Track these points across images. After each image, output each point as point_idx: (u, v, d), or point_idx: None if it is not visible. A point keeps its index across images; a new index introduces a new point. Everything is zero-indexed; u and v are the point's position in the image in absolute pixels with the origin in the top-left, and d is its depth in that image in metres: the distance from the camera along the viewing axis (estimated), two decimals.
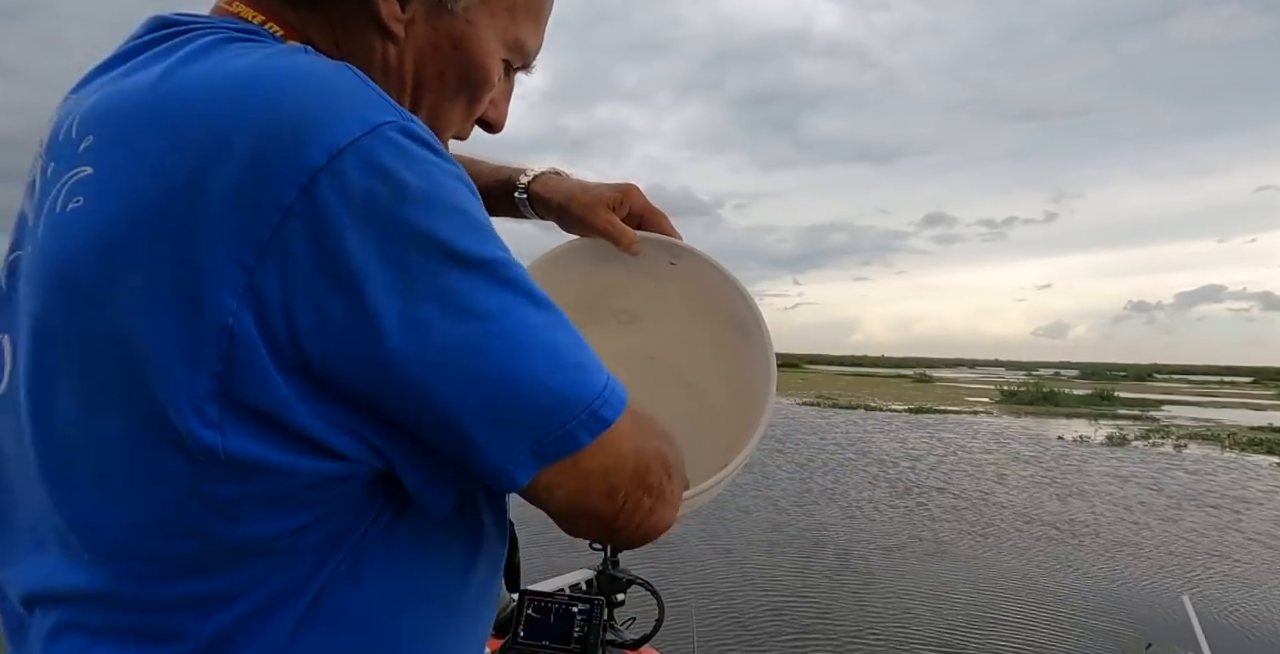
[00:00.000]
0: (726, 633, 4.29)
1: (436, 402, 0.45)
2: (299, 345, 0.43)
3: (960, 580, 5.46)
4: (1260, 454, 13.22)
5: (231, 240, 0.41)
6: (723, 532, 6.57)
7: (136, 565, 0.48)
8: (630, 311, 0.97)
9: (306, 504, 0.47)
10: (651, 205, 0.87)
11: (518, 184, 0.90)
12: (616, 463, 0.51)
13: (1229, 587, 5.61)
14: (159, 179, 0.43)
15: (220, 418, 0.43)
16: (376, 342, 0.43)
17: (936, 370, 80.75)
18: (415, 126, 0.46)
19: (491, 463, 0.47)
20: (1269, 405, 29.36)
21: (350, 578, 0.50)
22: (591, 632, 1.37)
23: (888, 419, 17.65)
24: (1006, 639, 4.38)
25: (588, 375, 0.49)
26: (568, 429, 0.47)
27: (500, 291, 0.46)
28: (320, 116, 0.43)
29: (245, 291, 0.42)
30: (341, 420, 0.45)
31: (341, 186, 0.42)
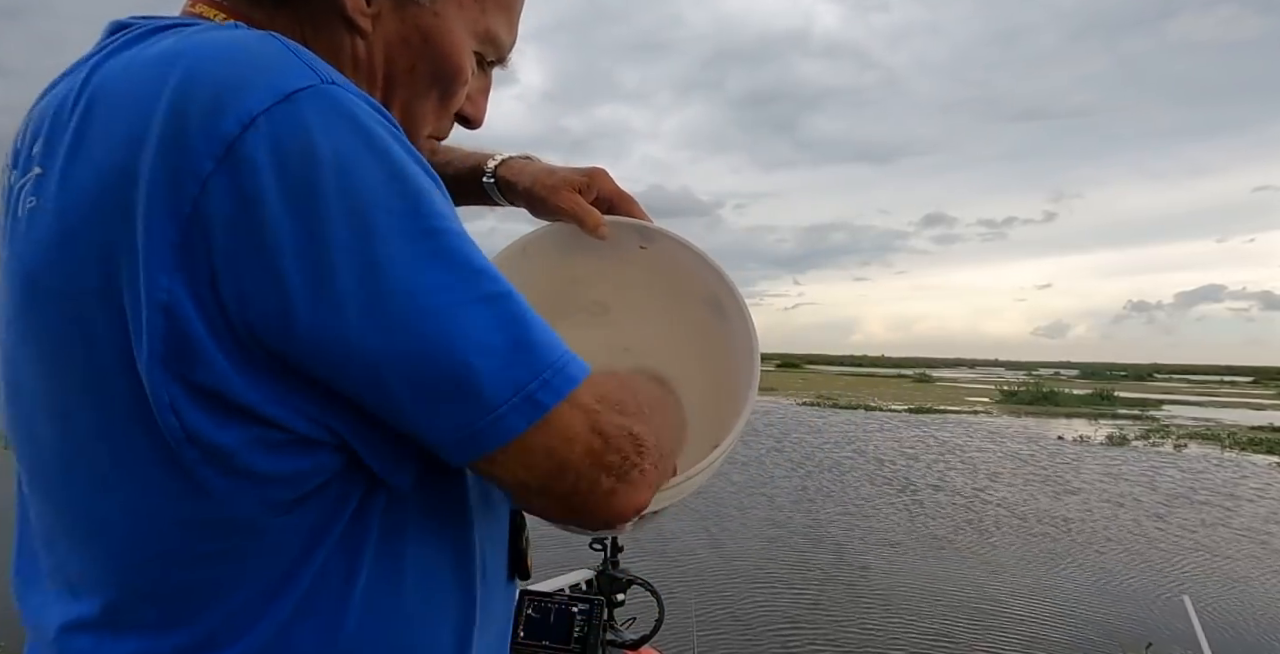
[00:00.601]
0: (726, 633, 4.29)
1: (361, 379, 0.44)
2: (229, 318, 0.43)
3: (959, 579, 5.46)
4: (1260, 454, 13.21)
5: (160, 217, 0.42)
6: (723, 532, 6.57)
7: (135, 556, 0.48)
8: (601, 303, 0.94)
9: (279, 483, 0.46)
10: (619, 189, 0.84)
11: (485, 169, 0.88)
12: (564, 443, 0.48)
13: (1223, 584, 5.61)
14: (95, 170, 0.44)
15: (172, 399, 0.43)
16: (293, 314, 0.42)
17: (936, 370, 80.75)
18: (337, 90, 0.45)
19: (428, 442, 0.47)
20: (1269, 405, 29.36)
21: (342, 562, 0.49)
22: (591, 632, 1.37)
23: (888, 419, 17.65)
24: (1006, 637, 4.38)
25: (525, 355, 0.46)
26: (499, 414, 0.45)
27: (429, 264, 0.44)
28: (234, 86, 0.43)
29: (176, 268, 0.42)
30: (285, 395, 0.45)
31: (255, 156, 0.41)
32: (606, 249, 0.84)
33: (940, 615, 4.72)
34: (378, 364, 0.43)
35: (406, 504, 0.52)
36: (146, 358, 0.43)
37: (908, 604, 4.92)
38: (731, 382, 0.79)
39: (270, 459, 0.46)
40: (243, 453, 0.45)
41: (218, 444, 0.44)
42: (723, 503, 7.55)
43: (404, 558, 0.52)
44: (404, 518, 0.52)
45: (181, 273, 0.42)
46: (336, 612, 0.49)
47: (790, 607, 4.81)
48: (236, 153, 0.41)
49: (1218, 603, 5.21)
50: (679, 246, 0.83)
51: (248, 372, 0.44)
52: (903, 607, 4.87)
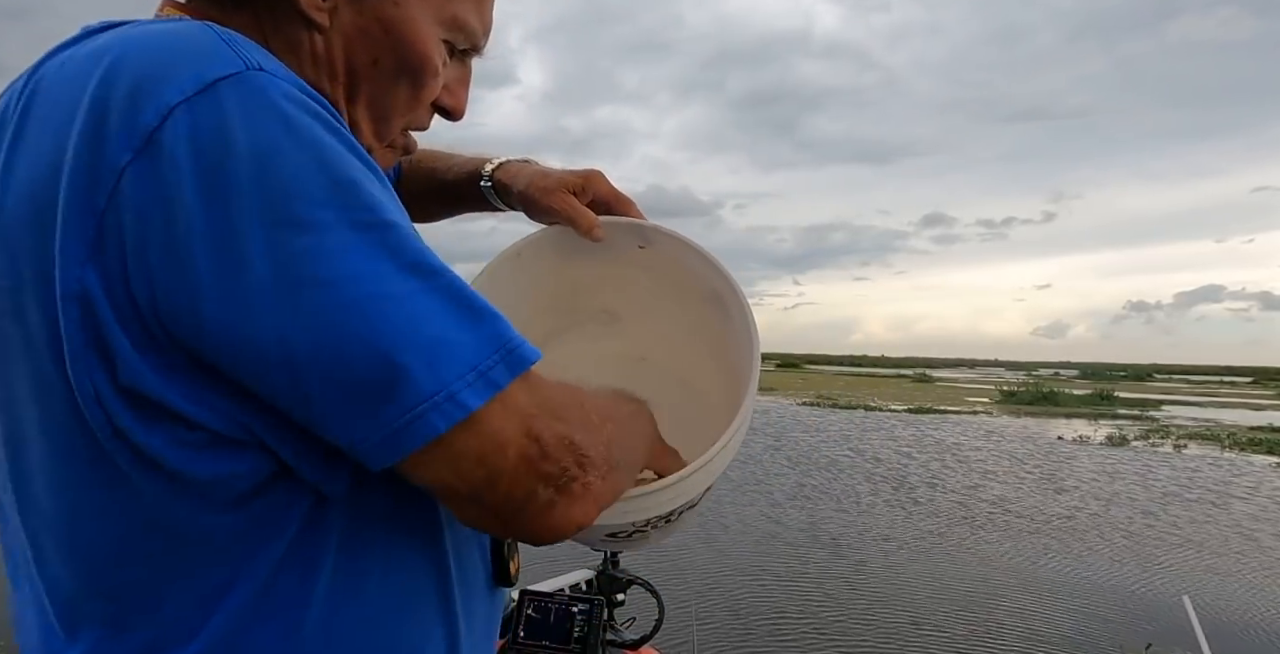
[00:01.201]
0: (726, 633, 4.29)
1: (273, 376, 0.43)
2: (140, 312, 0.42)
3: (957, 579, 5.46)
4: (1260, 454, 13.21)
5: (76, 210, 0.42)
6: (722, 531, 6.57)
7: (85, 553, 0.48)
8: (610, 310, 0.93)
9: (212, 485, 0.46)
10: (616, 191, 0.83)
11: (482, 173, 0.87)
12: (495, 447, 0.45)
13: (1221, 583, 5.61)
14: (29, 165, 0.45)
15: (97, 393, 0.43)
16: (202, 308, 0.41)
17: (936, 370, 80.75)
18: (263, 77, 0.44)
19: (343, 443, 0.44)
20: (1268, 405, 29.36)
21: (299, 564, 0.49)
22: (591, 632, 1.37)
23: (888, 419, 17.65)
24: (1005, 637, 4.38)
25: (451, 351, 0.43)
26: (418, 412, 0.43)
27: (350, 255, 0.42)
28: (155, 77, 0.42)
29: (88, 261, 0.42)
30: (201, 392, 0.44)
31: (173, 147, 0.41)
32: (605, 251, 0.83)
33: (938, 615, 4.72)
34: (290, 360, 0.42)
35: (367, 508, 0.51)
36: (68, 352, 0.43)
37: (905, 603, 4.92)
38: (735, 385, 0.78)
39: (199, 461, 0.45)
40: (170, 454, 0.45)
41: (145, 444, 0.44)
42: (722, 503, 7.55)
43: (367, 561, 0.51)
44: (365, 521, 0.51)
45: (93, 265, 0.42)
46: (294, 613, 0.49)
47: (790, 606, 4.81)
48: (154, 144, 0.41)
49: (1216, 602, 5.21)
50: (676, 243, 0.81)
51: (162, 368, 0.43)
52: (900, 606, 4.87)
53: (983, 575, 5.61)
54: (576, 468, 0.48)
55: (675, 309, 0.87)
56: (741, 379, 0.76)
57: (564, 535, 0.50)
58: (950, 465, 10.63)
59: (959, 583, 5.40)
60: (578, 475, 0.48)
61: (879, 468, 10.22)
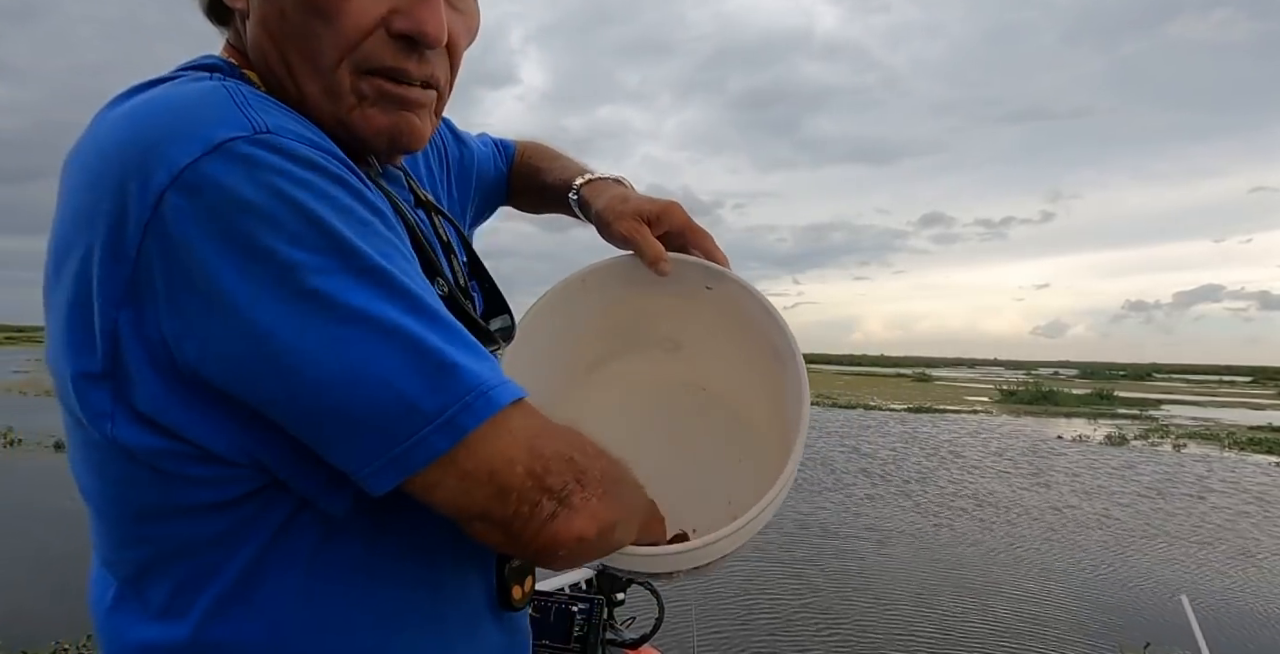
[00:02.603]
0: (726, 632, 4.29)
1: (285, 406, 0.47)
2: (169, 348, 0.47)
3: (955, 578, 5.46)
4: (1260, 453, 13.21)
5: (113, 258, 0.47)
6: None
7: (106, 530, 0.56)
8: (673, 339, 0.93)
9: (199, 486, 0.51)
10: (693, 223, 0.82)
11: (572, 185, 0.89)
12: (505, 463, 0.49)
13: (1219, 581, 5.62)
14: (75, 215, 0.50)
15: (112, 410, 0.49)
16: (224, 345, 0.46)
17: (936, 369, 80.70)
18: (270, 137, 0.47)
19: (349, 469, 0.48)
20: (1268, 405, 29.36)
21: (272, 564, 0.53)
22: (591, 631, 1.37)
23: (887, 419, 17.65)
24: (1004, 636, 4.38)
25: (449, 378, 0.47)
26: (422, 435, 0.46)
27: (350, 295, 0.46)
28: (166, 140, 0.46)
29: (122, 303, 0.47)
30: (214, 422, 0.49)
31: (184, 204, 0.45)
32: (672, 285, 0.83)
33: (937, 613, 4.72)
34: (297, 395, 0.46)
35: (355, 521, 0.55)
36: (97, 377, 0.49)
37: (903, 602, 4.92)
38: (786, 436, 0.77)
39: (184, 466, 0.50)
40: (158, 459, 0.50)
41: (137, 449, 0.50)
42: None
43: (347, 570, 0.55)
44: (351, 533, 0.55)
45: (128, 308, 0.47)
46: (269, 607, 0.53)
47: (790, 604, 4.81)
48: (166, 202, 0.45)
49: (1215, 602, 5.21)
50: (744, 292, 0.81)
51: (180, 398, 0.49)
52: (898, 605, 4.87)
53: (983, 574, 5.61)
54: (576, 483, 0.51)
55: (738, 352, 0.87)
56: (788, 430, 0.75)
57: (563, 547, 0.52)
58: (948, 464, 10.63)
59: (959, 582, 5.40)
60: (576, 490, 0.51)
61: (878, 466, 10.22)
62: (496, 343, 0.70)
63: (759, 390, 0.88)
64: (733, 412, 0.94)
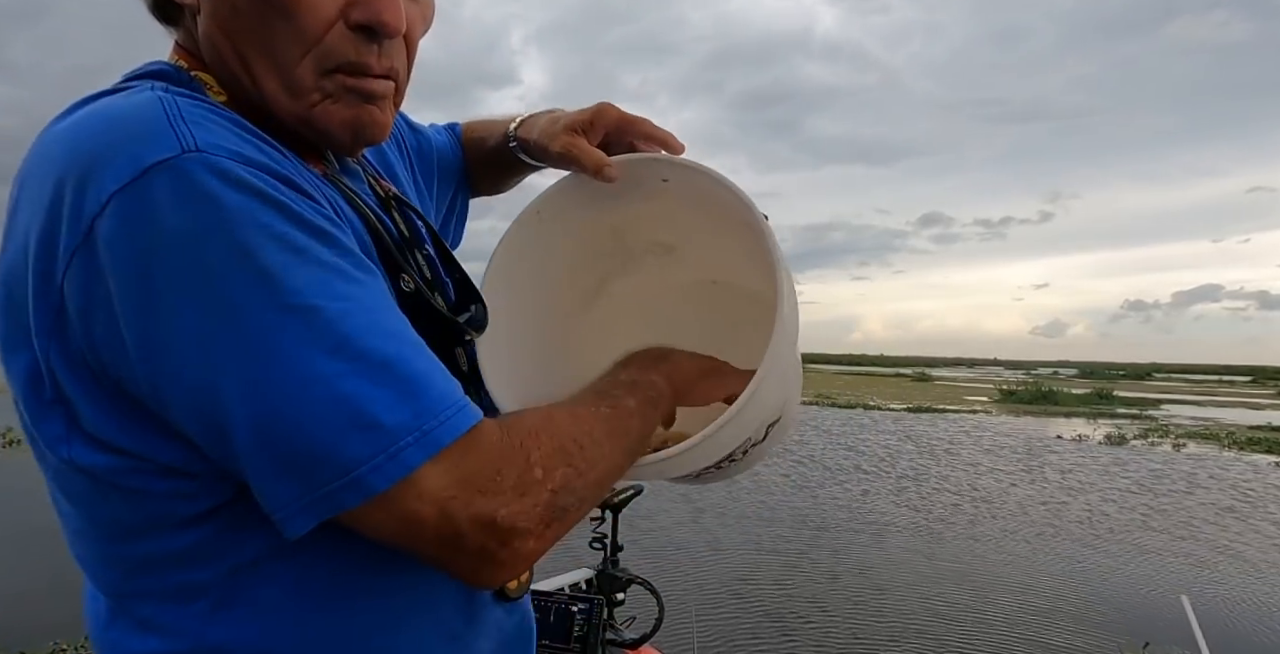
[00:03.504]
0: (726, 632, 4.29)
1: (203, 439, 0.47)
2: (96, 372, 0.48)
3: (957, 576, 5.46)
4: (1259, 453, 13.21)
5: (42, 290, 0.47)
6: (722, 532, 6.57)
7: (83, 548, 0.55)
8: (661, 243, 0.88)
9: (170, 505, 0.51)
10: (628, 115, 0.77)
11: (508, 135, 0.85)
12: (411, 524, 0.47)
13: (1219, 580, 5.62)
14: (16, 236, 0.49)
15: (67, 434, 0.50)
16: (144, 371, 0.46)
17: (936, 369, 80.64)
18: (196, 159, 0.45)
19: (266, 506, 0.48)
20: (1268, 404, 29.36)
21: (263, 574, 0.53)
22: (591, 631, 1.37)
23: (887, 418, 17.64)
24: (1001, 635, 4.38)
25: (365, 434, 0.45)
26: (329, 490, 0.45)
27: (273, 338, 0.44)
28: (97, 163, 0.45)
29: (51, 333, 0.47)
30: (158, 439, 0.49)
31: (111, 229, 0.45)
32: (633, 190, 0.77)
33: (937, 614, 4.72)
34: (217, 432, 0.46)
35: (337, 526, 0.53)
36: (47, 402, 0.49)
37: (902, 602, 4.92)
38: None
39: (148, 482, 0.50)
40: (119, 476, 0.50)
41: (97, 469, 0.50)
42: (722, 502, 7.55)
43: (343, 570, 0.54)
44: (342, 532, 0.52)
45: (55, 339, 0.47)
46: (267, 615, 0.53)
47: (790, 603, 4.81)
48: (94, 231, 0.45)
49: (1214, 600, 5.21)
50: (700, 174, 0.75)
51: (118, 417, 0.49)
52: (897, 604, 4.87)
53: (983, 574, 5.61)
54: (496, 544, 0.49)
55: (721, 234, 0.82)
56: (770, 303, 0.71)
57: (503, 582, 0.53)
58: (948, 463, 10.63)
59: (959, 581, 5.40)
60: (497, 549, 0.49)
61: (878, 466, 10.21)
62: (467, 334, 0.68)
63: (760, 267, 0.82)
64: (750, 296, 0.88)
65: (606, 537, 1.56)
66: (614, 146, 0.77)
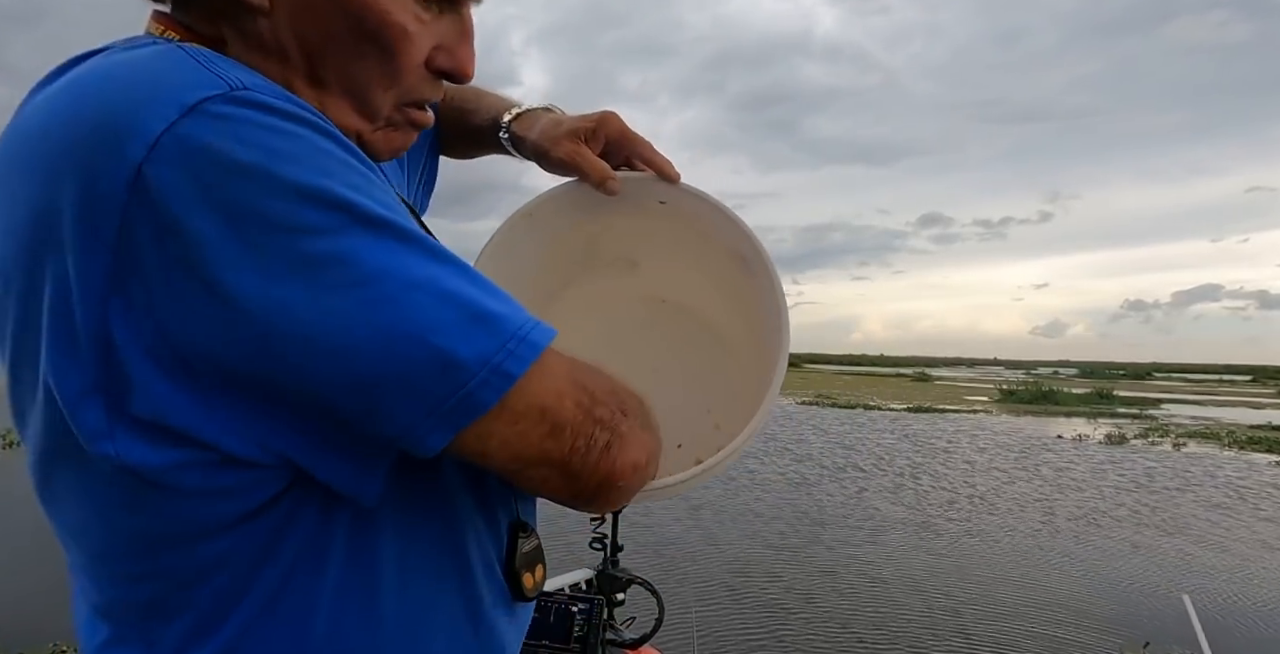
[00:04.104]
0: (726, 632, 4.30)
1: (321, 380, 0.43)
2: (170, 340, 0.42)
3: (957, 576, 5.46)
4: (1260, 452, 13.22)
5: (89, 250, 0.42)
6: (722, 532, 6.58)
7: (107, 563, 0.50)
8: (628, 258, 0.90)
9: (221, 499, 0.47)
10: (630, 132, 0.77)
11: (501, 123, 0.83)
12: (555, 399, 0.48)
13: (1221, 580, 5.62)
14: (27, 208, 0.44)
15: (110, 427, 0.44)
16: (239, 326, 0.42)
17: (936, 369, 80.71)
18: (249, 94, 0.43)
19: (394, 433, 0.45)
20: (1268, 404, 29.37)
21: (308, 568, 0.50)
22: (591, 631, 1.37)
23: (887, 418, 17.65)
24: (1002, 634, 4.39)
25: (487, 326, 0.45)
26: (468, 390, 0.44)
27: (369, 253, 0.43)
28: (133, 108, 0.41)
29: (110, 296, 0.42)
30: (230, 417, 0.45)
31: (168, 175, 0.41)
32: (624, 204, 0.79)
33: (937, 612, 4.72)
34: (332, 361, 0.42)
35: (381, 513, 0.52)
36: (88, 387, 0.43)
37: (902, 602, 4.92)
38: (764, 341, 0.76)
39: (207, 478, 0.46)
40: (172, 474, 0.45)
41: (145, 467, 0.45)
42: (722, 502, 7.56)
43: (378, 571, 0.52)
44: (380, 526, 0.52)
45: (116, 300, 0.42)
46: (304, 621, 0.50)
47: (791, 603, 4.81)
48: (146, 176, 0.41)
49: (1214, 600, 5.22)
50: (698, 201, 0.78)
51: (189, 395, 0.44)
52: (897, 604, 4.87)
53: (983, 573, 5.61)
54: (620, 413, 0.51)
55: (695, 257, 0.85)
56: (765, 339, 0.74)
57: (624, 477, 0.52)
58: (949, 463, 10.64)
59: (959, 581, 5.40)
60: (622, 419, 0.51)
61: (879, 465, 10.22)
62: None
63: (724, 298, 0.86)
64: (698, 320, 0.91)
65: (606, 537, 1.56)
66: (609, 158, 0.78)
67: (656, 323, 0.93)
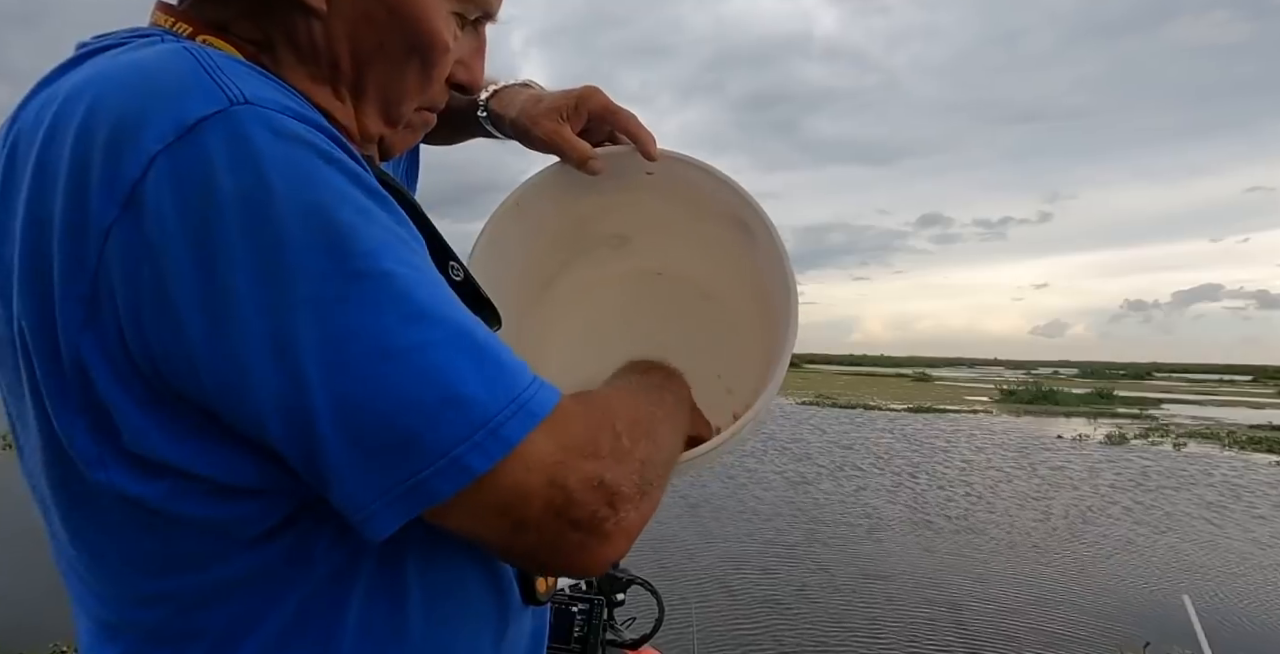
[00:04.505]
0: (726, 632, 4.29)
1: (279, 433, 0.41)
2: (141, 372, 0.41)
3: (957, 576, 5.46)
4: (1260, 452, 13.21)
5: (69, 271, 0.40)
6: (723, 531, 6.57)
7: (113, 586, 0.48)
8: (619, 235, 0.88)
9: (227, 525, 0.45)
10: (613, 105, 0.74)
11: (478, 102, 0.81)
12: (517, 500, 0.43)
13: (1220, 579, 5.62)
14: (24, 216, 0.42)
15: (100, 454, 0.43)
16: (199, 367, 0.40)
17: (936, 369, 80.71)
18: (247, 112, 0.41)
19: (343, 507, 0.42)
20: (1268, 404, 29.36)
21: (330, 586, 0.48)
22: (591, 631, 1.37)
23: (887, 418, 17.64)
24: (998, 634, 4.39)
25: (458, 410, 0.41)
26: (421, 478, 0.41)
27: (347, 309, 0.40)
28: (133, 123, 0.40)
29: (85, 325, 0.40)
30: (209, 450, 0.43)
31: (157, 199, 0.39)
32: (611, 181, 0.77)
33: (937, 614, 4.72)
34: (290, 420, 0.40)
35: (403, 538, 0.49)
36: (76, 416, 0.42)
37: (901, 602, 4.91)
38: (768, 309, 0.75)
39: (205, 505, 0.44)
40: (172, 502, 0.44)
41: (142, 496, 0.43)
42: (721, 501, 7.55)
43: (406, 582, 0.50)
44: (404, 542, 0.49)
45: (90, 329, 0.40)
46: (327, 638, 0.48)
47: (791, 604, 4.81)
48: (138, 198, 0.39)
49: (1214, 601, 5.21)
50: (686, 166, 0.75)
51: (166, 427, 0.42)
52: (899, 604, 4.87)
53: (982, 571, 5.61)
54: (607, 508, 0.45)
55: (688, 225, 0.82)
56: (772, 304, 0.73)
57: (599, 572, 0.49)
58: (948, 463, 10.63)
59: (958, 580, 5.39)
60: (608, 515, 0.45)
61: (879, 465, 10.22)
62: (499, 324, 0.64)
63: (722, 264, 0.84)
64: (697, 289, 0.90)
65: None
66: (591, 133, 0.76)
67: (656, 296, 0.92)
